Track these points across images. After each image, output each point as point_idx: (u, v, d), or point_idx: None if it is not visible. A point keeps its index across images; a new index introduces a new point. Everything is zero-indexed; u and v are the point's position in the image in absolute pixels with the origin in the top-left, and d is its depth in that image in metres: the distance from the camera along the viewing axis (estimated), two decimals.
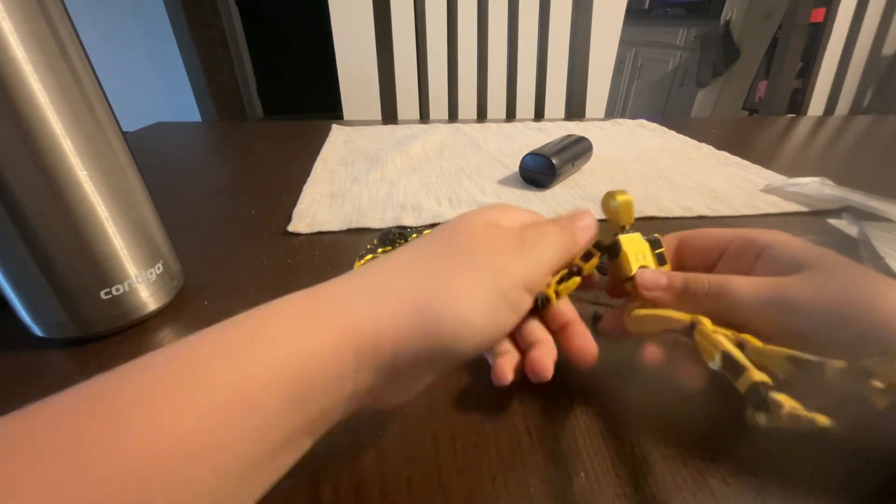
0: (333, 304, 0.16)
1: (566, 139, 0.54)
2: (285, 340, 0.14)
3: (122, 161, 0.26)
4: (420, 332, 0.16)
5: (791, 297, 0.19)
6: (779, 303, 0.19)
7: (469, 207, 0.45)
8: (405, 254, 0.19)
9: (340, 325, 0.15)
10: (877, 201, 0.43)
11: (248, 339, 0.14)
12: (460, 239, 0.20)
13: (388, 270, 0.18)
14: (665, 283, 0.22)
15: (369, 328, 0.16)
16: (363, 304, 0.16)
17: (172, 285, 0.30)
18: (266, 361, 0.14)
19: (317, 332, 0.15)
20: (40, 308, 0.25)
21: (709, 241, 0.24)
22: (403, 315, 0.16)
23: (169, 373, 0.13)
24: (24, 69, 0.20)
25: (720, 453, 0.20)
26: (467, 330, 0.17)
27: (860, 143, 0.71)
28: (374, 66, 0.84)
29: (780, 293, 0.19)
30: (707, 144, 0.66)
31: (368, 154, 0.62)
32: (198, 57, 2.33)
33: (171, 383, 0.12)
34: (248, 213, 0.45)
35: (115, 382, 0.12)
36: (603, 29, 1.48)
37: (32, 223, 0.23)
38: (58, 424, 0.11)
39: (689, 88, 2.75)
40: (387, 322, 0.16)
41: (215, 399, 0.12)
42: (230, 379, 0.13)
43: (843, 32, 0.91)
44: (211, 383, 0.13)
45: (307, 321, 0.15)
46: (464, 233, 0.20)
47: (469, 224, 0.20)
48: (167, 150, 0.68)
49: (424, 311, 0.16)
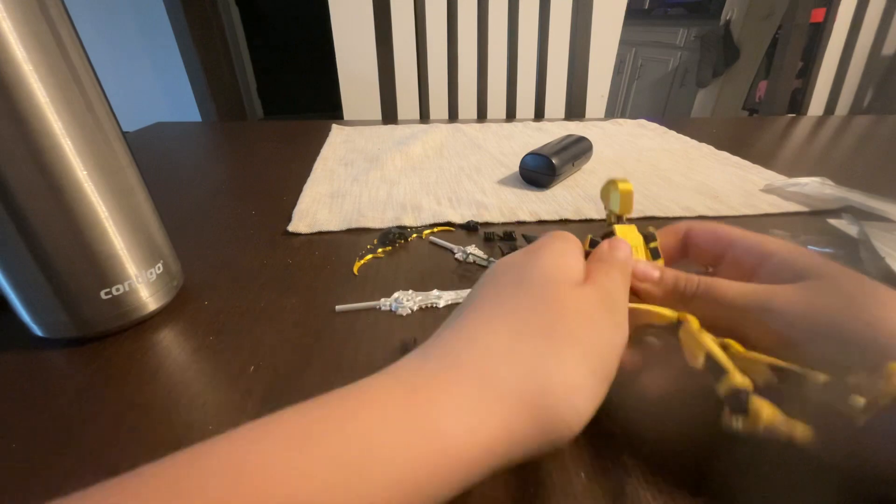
0: (436, 417, 0.14)
1: (566, 139, 0.54)
2: (386, 459, 0.13)
3: (122, 161, 0.26)
4: (535, 433, 0.14)
5: (776, 305, 0.18)
6: (763, 308, 0.19)
7: (469, 207, 0.45)
8: (493, 324, 0.17)
9: (445, 444, 0.13)
10: (877, 201, 0.43)
11: (409, 428, 0.13)
12: (548, 300, 0.17)
13: (484, 357, 0.16)
14: (656, 276, 0.22)
15: (479, 444, 0.14)
16: (470, 413, 0.14)
17: (172, 285, 0.30)
18: (426, 455, 0.13)
19: (420, 450, 0.13)
20: (40, 308, 0.25)
21: (715, 238, 0.24)
22: (517, 420, 0.14)
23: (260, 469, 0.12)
24: (24, 69, 0.20)
25: (720, 453, 0.20)
26: (580, 421, 0.15)
27: (860, 143, 0.71)
28: (374, 66, 0.84)
29: (765, 299, 0.19)
30: (707, 144, 0.66)
31: (368, 154, 0.62)
32: (198, 57, 2.33)
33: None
34: (248, 213, 0.45)
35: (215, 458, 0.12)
36: (603, 29, 1.48)
37: (32, 223, 0.23)
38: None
39: (689, 88, 2.75)
40: (497, 432, 0.14)
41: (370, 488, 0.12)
42: (393, 466, 0.12)
43: (843, 32, 0.91)
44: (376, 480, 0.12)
45: (409, 434, 0.13)
46: (550, 292, 0.17)
47: (551, 280, 0.18)
48: (167, 150, 0.68)
49: (538, 411, 0.15)
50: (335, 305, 0.30)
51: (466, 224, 0.41)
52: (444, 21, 0.84)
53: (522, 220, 0.43)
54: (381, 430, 0.13)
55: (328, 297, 0.31)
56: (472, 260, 0.35)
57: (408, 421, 0.14)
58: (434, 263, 0.36)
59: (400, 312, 0.29)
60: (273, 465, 0.12)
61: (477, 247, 0.37)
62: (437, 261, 0.36)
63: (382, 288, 0.32)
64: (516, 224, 0.42)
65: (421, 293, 0.31)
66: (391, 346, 0.27)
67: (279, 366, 0.25)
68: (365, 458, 0.12)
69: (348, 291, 0.32)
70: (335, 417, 0.14)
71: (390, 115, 0.86)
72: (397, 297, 0.31)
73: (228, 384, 0.24)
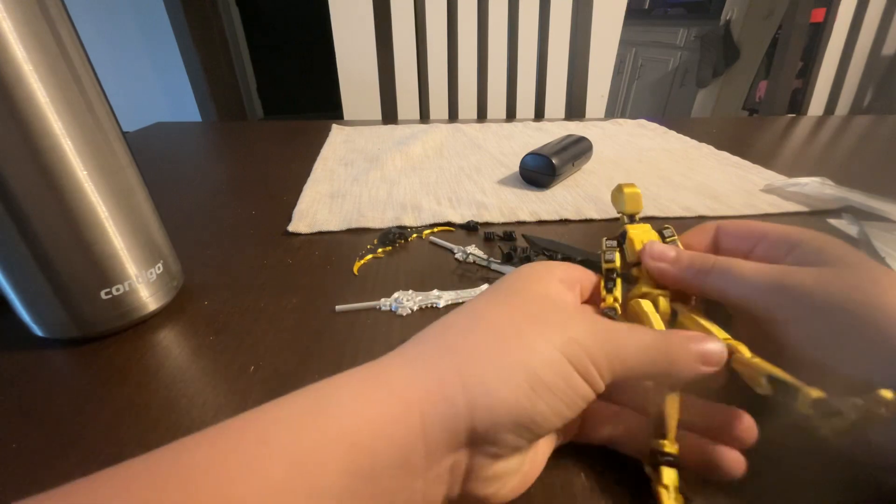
0: (396, 369, 0.16)
1: (566, 139, 0.54)
2: (344, 410, 0.14)
3: (122, 161, 0.26)
4: (451, 407, 0.15)
5: (789, 282, 0.18)
6: (776, 285, 0.18)
7: (469, 207, 0.45)
8: (450, 320, 0.18)
9: (402, 387, 0.15)
10: (877, 201, 0.43)
11: (307, 410, 0.14)
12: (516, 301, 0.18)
13: (425, 344, 0.17)
14: (672, 255, 0.22)
15: (434, 389, 0.15)
16: (427, 367, 0.16)
17: (172, 285, 0.30)
18: (324, 432, 0.13)
19: (377, 397, 0.14)
20: (40, 308, 0.25)
21: (747, 233, 0.23)
22: (435, 388, 0.15)
23: (235, 443, 0.13)
24: (24, 69, 0.20)
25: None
26: (498, 408, 0.15)
27: (860, 143, 0.71)
28: (374, 66, 0.84)
29: (779, 277, 0.19)
30: (707, 144, 0.66)
31: (368, 154, 0.62)
32: (198, 57, 2.33)
33: (236, 457, 0.12)
34: (248, 213, 0.45)
35: (186, 454, 0.12)
36: (603, 29, 1.48)
37: (32, 223, 0.23)
38: (136, 488, 0.11)
39: (689, 88, 2.75)
40: (455, 381, 0.15)
41: (273, 474, 0.12)
42: (287, 452, 0.12)
43: (843, 32, 0.91)
44: (268, 457, 0.12)
45: (367, 388, 0.15)
46: (520, 295, 0.19)
47: (524, 287, 0.19)
48: (167, 150, 0.68)
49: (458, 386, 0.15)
50: (335, 305, 0.30)
51: (466, 224, 0.41)
52: (444, 21, 0.84)
53: (522, 220, 0.43)
54: (336, 390, 0.15)
55: (328, 297, 0.31)
56: (472, 260, 0.35)
57: (365, 382, 0.15)
58: (434, 263, 0.36)
59: (400, 312, 0.29)
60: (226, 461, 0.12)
61: (477, 247, 0.37)
62: (437, 261, 0.36)
63: (382, 288, 0.32)
64: (516, 224, 0.42)
65: (421, 293, 0.31)
66: (391, 346, 0.26)
67: (279, 366, 0.25)
68: (318, 415, 0.14)
69: (348, 291, 0.32)
70: (305, 394, 0.15)
71: (390, 115, 0.86)
72: (397, 297, 0.31)
73: (228, 384, 0.24)
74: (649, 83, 3.03)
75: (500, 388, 0.15)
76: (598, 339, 0.16)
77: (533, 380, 0.15)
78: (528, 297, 0.19)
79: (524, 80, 0.90)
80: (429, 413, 0.14)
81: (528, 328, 0.17)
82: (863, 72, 0.96)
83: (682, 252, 0.22)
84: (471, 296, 0.31)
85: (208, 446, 0.13)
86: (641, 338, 0.17)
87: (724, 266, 0.20)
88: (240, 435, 0.13)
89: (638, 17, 2.90)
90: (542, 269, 0.21)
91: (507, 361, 0.15)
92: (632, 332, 0.17)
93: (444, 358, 0.16)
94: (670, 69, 2.85)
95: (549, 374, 0.15)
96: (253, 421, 0.13)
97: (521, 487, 0.17)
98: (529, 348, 0.16)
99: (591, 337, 0.16)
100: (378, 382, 0.15)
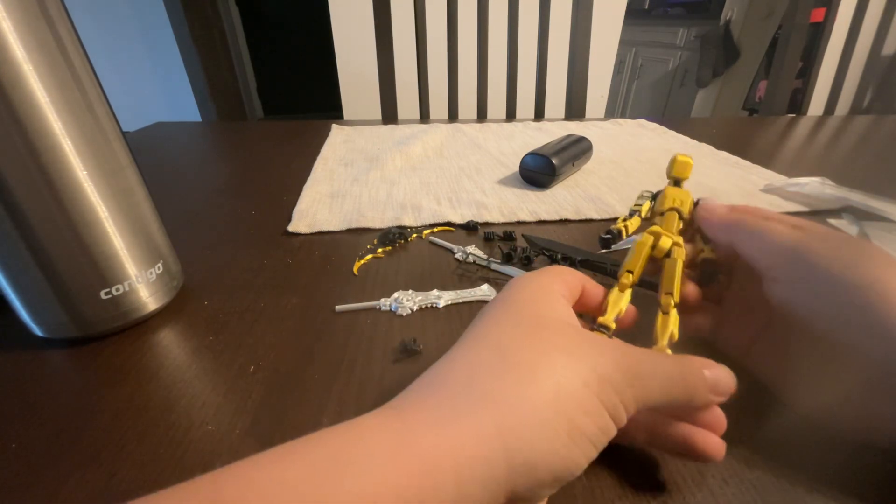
0: (422, 424, 0.14)
1: (566, 139, 0.54)
2: (367, 478, 0.12)
3: (122, 161, 0.26)
4: (501, 456, 0.13)
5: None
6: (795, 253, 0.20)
7: (469, 207, 0.45)
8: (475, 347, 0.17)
9: (431, 446, 0.13)
10: (877, 201, 0.43)
11: (321, 470, 0.12)
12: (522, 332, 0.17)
13: (458, 376, 0.16)
14: (722, 211, 0.25)
15: (471, 449, 0.13)
16: (462, 423, 0.14)
17: (172, 285, 0.30)
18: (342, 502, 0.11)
19: (403, 458, 0.13)
20: (40, 308, 0.25)
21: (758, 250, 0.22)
22: (483, 435, 0.14)
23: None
24: (24, 69, 0.20)
25: None
26: (545, 461, 0.14)
27: (860, 143, 0.71)
28: (374, 66, 0.84)
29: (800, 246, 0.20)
30: (707, 144, 0.66)
31: (368, 154, 0.62)
32: (198, 57, 2.33)
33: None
34: (248, 213, 0.45)
35: None
36: (603, 29, 1.48)
37: (32, 223, 0.23)
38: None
39: (689, 88, 2.75)
40: (494, 437, 0.13)
41: None
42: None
43: (843, 32, 0.91)
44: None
45: (390, 447, 0.13)
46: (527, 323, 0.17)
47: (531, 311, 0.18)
48: (167, 150, 0.68)
49: (501, 434, 0.14)
50: (335, 305, 0.30)
51: (466, 224, 0.41)
52: (444, 21, 0.84)
53: (522, 220, 0.43)
54: (361, 446, 0.13)
55: (328, 297, 0.31)
56: (471, 260, 0.35)
57: (391, 435, 0.13)
58: (434, 263, 0.36)
59: (400, 312, 0.29)
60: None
61: (477, 247, 0.37)
62: (437, 261, 0.36)
63: (382, 288, 0.32)
64: (516, 224, 0.42)
65: (421, 293, 0.31)
66: (391, 345, 0.27)
67: (279, 366, 0.25)
68: (348, 468, 0.12)
69: (348, 291, 0.32)
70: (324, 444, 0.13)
71: (390, 115, 0.86)
72: (397, 297, 0.31)
73: (228, 384, 0.24)
74: (649, 83, 3.03)
75: (542, 442, 0.14)
76: (627, 374, 0.16)
77: (572, 430, 0.14)
78: (547, 323, 0.17)
79: (524, 80, 0.90)
80: (465, 478, 0.13)
81: (559, 365, 0.15)
82: (863, 72, 0.96)
83: (726, 209, 0.24)
84: (470, 296, 0.31)
85: None
86: (663, 369, 0.17)
87: (754, 227, 0.22)
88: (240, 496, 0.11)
89: (638, 17, 2.90)
90: (544, 289, 0.19)
91: (548, 413, 0.14)
92: (654, 363, 0.17)
93: (479, 409, 0.14)
94: (670, 69, 2.85)
95: (588, 422, 0.15)
96: (253, 482, 0.12)
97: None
98: (567, 394, 0.15)
99: (619, 373, 0.16)
100: (402, 441, 0.13)
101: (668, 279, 0.22)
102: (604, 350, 0.16)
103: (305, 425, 0.21)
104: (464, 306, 0.30)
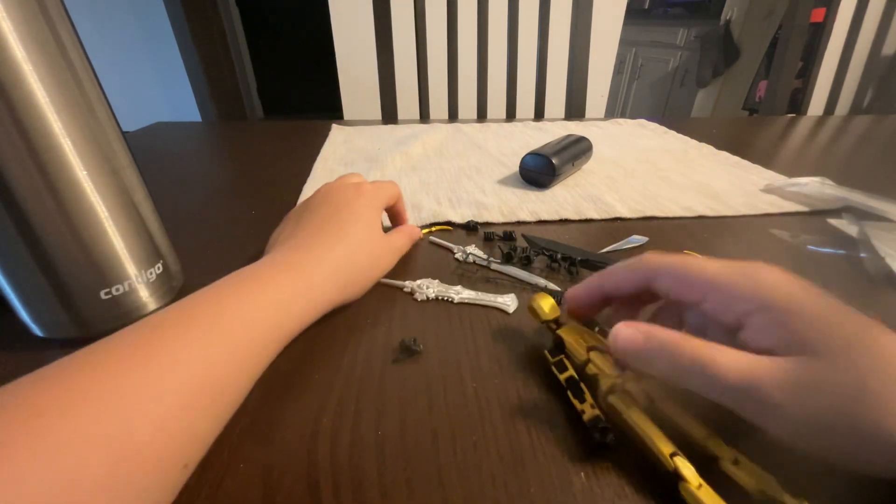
0: (305, 264, 0.27)
1: (566, 139, 0.54)
2: (271, 299, 0.24)
3: (122, 161, 0.26)
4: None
5: (766, 385, 0.16)
6: (749, 387, 0.16)
7: (469, 207, 0.45)
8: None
9: (309, 276, 0.26)
10: (877, 201, 0.43)
11: (246, 290, 0.24)
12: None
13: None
14: (641, 339, 0.19)
15: (316, 275, 0.27)
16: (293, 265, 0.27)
17: (172, 285, 0.30)
18: (256, 315, 0.23)
19: (292, 280, 0.25)
20: (40, 308, 0.25)
21: (693, 279, 0.20)
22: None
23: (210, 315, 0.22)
24: (24, 69, 0.20)
25: None
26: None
27: (860, 143, 0.71)
28: (374, 66, 0.84)
29: (757, 381, 0.16)
30: (707, 144, 0.66)
31: (368, 154, 0.62)
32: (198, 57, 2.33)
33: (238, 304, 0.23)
34: (248, 213, 0.45)
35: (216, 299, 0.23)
36: (603, 29, 1.48)
37: (32, 223, 0.23)
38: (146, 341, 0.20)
39: (689, 88, 2.75)
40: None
41: (236, 341, 0.21)
42: (240, 323, 0.22)
43: (843, 32, 0.91)
44: (231, 331, 0.21)
45: (284, 281, 0.25)
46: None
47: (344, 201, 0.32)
48: (167, 150, 0.68)
49: None
50: None
51: (466, 224, 0.41)
52: (444, 21, 0.84)
53: (522, 220, 0.43)
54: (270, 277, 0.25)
55: None
56: (471, 260, 0.35)
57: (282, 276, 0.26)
58: (434, 263, 0.36)
59: (417, 297, 0.31)
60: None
61: (477, 247, 0.37)
62: (437, 260, 0.36)
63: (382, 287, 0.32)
64: (516, 224, 0.42)
65: (443, 284, 0.32)
66: (391, 345, 0.27)
67: (279, 365, 0.25)
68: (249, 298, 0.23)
69: None
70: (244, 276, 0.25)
71: (390, 115, 0.86)
72: (420, 283, 0.32)
73: None
74: (649, 83, 3.03)
75: (359, 263, 0.30)
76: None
77: (371, 253, 0.31)
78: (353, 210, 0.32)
79: (524, 80, 0.90)
80: (318, 291, 0.27)
81: (358, 227, 0.31)
82: (863, 72, 0.96)
83: (651, 333, 0.19)
84: (489, 301, 0.30)
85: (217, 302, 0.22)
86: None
87: (697, 357, 0.18)
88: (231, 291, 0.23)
89: (638, 16, 2.90)
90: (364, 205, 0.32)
91: (359, 250, 0.30)
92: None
93: (317, 255, 0.28)
94: (670, 69, 2.85)
95: (381, 244, 0.32)
96: (210, 301, 0.23)
97: None
98: (365, 234, 0.31)
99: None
100: (290, 276, 0.26)
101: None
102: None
103: (306, 425, 0.21)
104: (476, 309, 0.30)
